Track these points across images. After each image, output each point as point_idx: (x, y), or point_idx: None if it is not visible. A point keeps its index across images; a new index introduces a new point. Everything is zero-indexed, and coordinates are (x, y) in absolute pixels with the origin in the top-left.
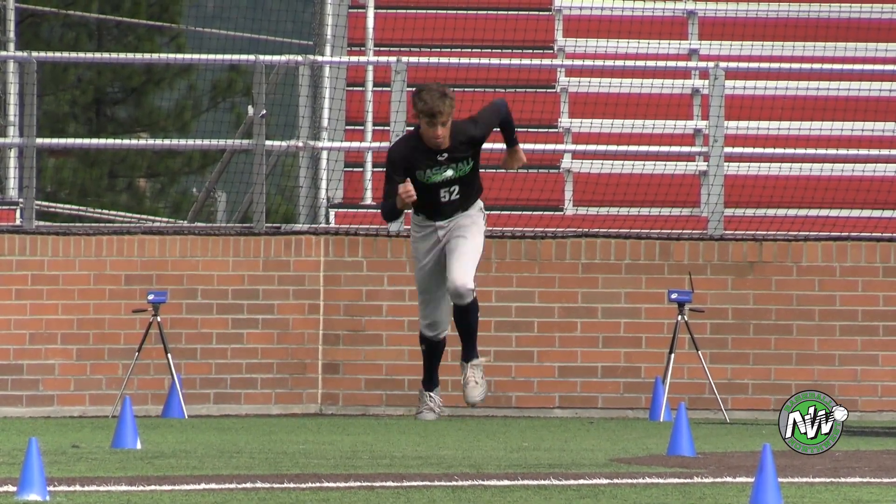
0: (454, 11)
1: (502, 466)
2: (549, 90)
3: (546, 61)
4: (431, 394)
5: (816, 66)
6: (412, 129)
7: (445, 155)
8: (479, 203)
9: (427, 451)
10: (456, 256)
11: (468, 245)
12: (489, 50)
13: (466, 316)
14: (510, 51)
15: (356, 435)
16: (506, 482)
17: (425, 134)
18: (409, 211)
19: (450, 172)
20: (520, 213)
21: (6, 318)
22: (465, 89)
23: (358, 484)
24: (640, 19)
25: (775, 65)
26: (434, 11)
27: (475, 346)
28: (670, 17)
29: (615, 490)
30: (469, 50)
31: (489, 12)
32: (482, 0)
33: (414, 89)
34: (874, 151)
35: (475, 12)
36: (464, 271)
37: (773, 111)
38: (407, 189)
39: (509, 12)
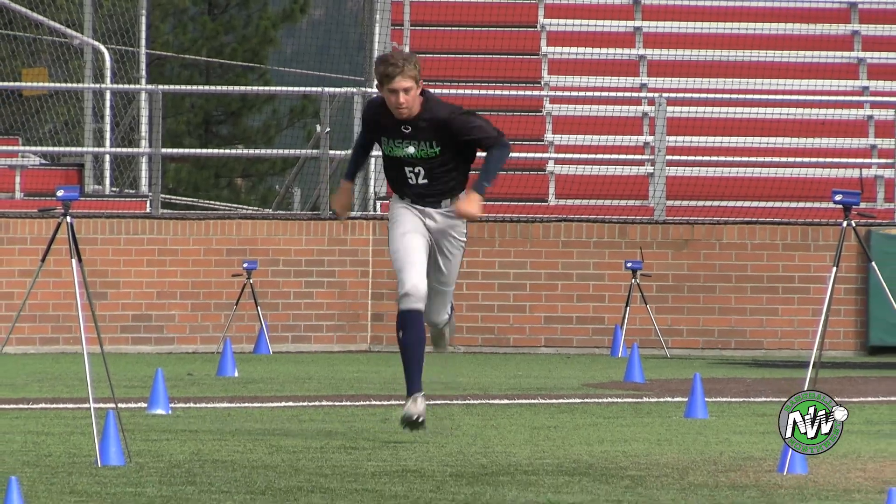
0: (468, 56)
1: (503, 389)
2: (537, 113)
3: (535, 92)
4: (417, 396)
5: (735, 95)
6: None
7: (409, 128)
8: (463, 227)
9: (447, 379)
10: (438, 299)
11: (450, 285)
12: (494, 84)
13: (442, 333)
14: (509, 84)
15: (396, 366)
16: (505, 401)
17: (387, 100)
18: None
19: (411, 150)
20: (516, 203)
21: (139, 280)
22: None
23: (397, 402)
24: (605, 61)
25: (705, 95)
26: (454, 56)
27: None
28: (627, 60)
29: (586, 407)
30: (479, 84)
31: (493, 56)
32: (489, 47)
33: None
34: (776, 159)
35: (484, 56)
36: (442, 311)
37: (702, 129)
38: (340, 205)
39: (508, 56)
